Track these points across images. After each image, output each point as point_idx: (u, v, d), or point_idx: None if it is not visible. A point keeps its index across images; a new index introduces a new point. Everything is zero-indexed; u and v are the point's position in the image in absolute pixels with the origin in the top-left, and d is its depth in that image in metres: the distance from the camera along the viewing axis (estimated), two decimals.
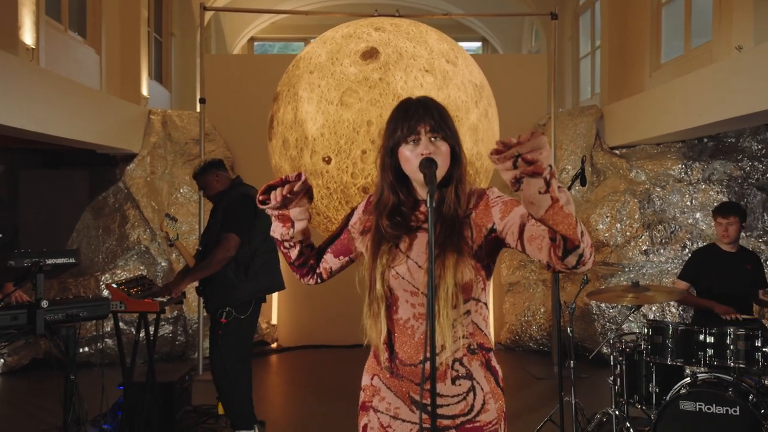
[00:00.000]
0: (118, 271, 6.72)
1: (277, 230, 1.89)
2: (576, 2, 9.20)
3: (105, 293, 6.55)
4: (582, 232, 1.54)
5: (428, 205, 1.58)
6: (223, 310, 4.04)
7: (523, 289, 6.98)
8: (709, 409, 3.33)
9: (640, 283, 3.81)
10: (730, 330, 3.50)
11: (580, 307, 6.31)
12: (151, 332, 4.55)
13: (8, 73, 5.09)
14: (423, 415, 1.71)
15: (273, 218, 1.89)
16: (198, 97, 10.56)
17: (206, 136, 6.47)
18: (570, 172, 6.81)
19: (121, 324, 4.62)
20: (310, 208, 1.85)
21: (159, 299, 4.05)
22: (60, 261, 3.40)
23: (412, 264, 1.79)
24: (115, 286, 3.99)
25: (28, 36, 6.28)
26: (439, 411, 1.78)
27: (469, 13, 9.22)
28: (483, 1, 10.45)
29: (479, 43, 14.29)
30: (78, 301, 3.64)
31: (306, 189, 1.80)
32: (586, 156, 5.39)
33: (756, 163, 6.18)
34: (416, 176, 1.78)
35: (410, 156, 1.77)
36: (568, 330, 4.00)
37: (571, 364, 3.98)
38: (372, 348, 1.93)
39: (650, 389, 3.80)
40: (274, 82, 6.04)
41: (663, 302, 5.10)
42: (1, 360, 6.29)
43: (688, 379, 3.58)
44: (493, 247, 1.80)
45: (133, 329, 6.58)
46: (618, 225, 6.39)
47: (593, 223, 6.57)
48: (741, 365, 3.46)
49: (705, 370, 3.58)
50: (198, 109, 6.69)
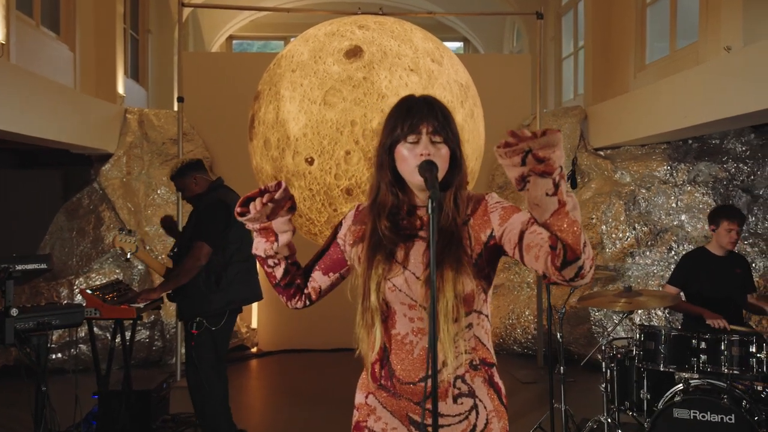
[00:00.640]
0: (93, 275, 6.53)
1: (259, 247, 1.74)
2: (558, 2, 9.16)
3: (78, 297, 6.36)
4: (585, 243, 1.44)
5: (429, 211, 1.47)
6: (194, 321, 3.86)
7: (507, 292, 6.90)
8: (703, 416, 3.26)
9: (632, 288, 3.73)
10: (724, 336, 3.43)
11: (566, 310, 6.24)
12: (127, 338, 4.39)
13: None
14: None
15: (255, 234, 1.74)
16: (176, 95, 10.43)
17: (184, 135, 6.31)
18: None
19: (95, 329, 4.45)
20: (293, 219, 1.72)
21: (136, 305, 3.89)
22: (31, 267, 3.24)
23: (410, 275, 1.67)
24: (89, 291, 3.82)
25: None
26: None
27: (453, 12, 9.14)
28: (465, 1, 10.37)
29: (460, 43, 14.22)
30: (50, 308, 3.47)
31: (287, 198, 1.66)
32: (575, 157, 5.34)
33: (741, 165, 6.16)
34: (412, 178, 1.66)
35: (408, 156, 1.66)
36: (558, 335, 3.92)
37: (561, 370, 3.90)
38: (365, 363, 1.81)
39: (641, 396, 3.73)
40: (255, 80, 5.90)
41: (655, 308, 5.05)
42: None
43: (680, 386, 3.51)
44: (492, 254, 1.69)
45: (108, 334, 6.40)
46: (603, 227, 6.33)
47: None
48: (735, 371, 3.39)
49: (698, 377, 3.51)
50: (176, 108, 6.53)
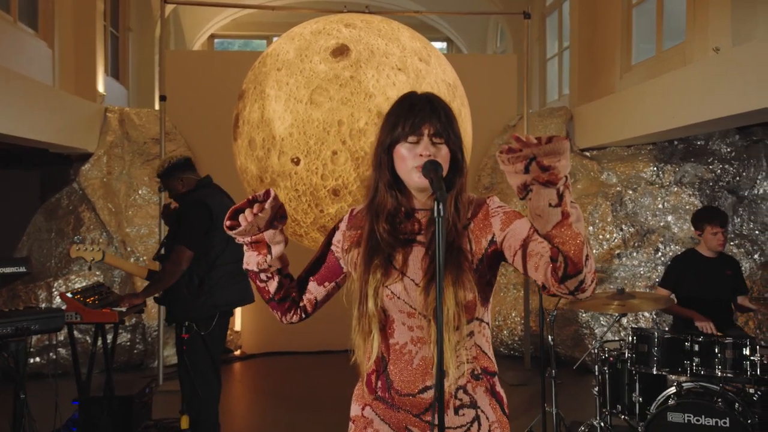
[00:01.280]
0: (72, 277, 6.38)
1: (251, 261, 1.64)
2: (543, 3, 9.15)
3: (57, 300, 6.22)
4: (587, 256, 1.39)
5: (435, 214, 1.41)
6: (183, 325, 3.76)
7: (494, 293, 6.86)
8: (698, 420, 3.23)
9: (624, 290, 3.70)
10: (718, 338, 3.41)
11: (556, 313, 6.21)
12: (109, 342, 4.28)
13: None
14: None
15: (245, 248, 1.64)
16: (157, 94, 10.28)
17: (166, 135, 6.19)
18: None
19: (75, 332, 4.33)
20: (285, 229, 1.64)
21: (118, 309, 3.79)
22: (9, 270, 3.14)
23: (409, 282, 1.60)
24: (69, 295, 3.71)
25: None
26: None
27: (439, 11, 9.09)
28: (449, 1, 10.33)
29: (444, 43, 14.19)
30: (29, 312, 3.35)
31: (278, 207, 1.59)
32: None
33: (726, 166, 6.18)
34: (411, 179, 1.60)
35: (407, 155, 1.59)
36: (549, 338, 3.87)
37: (553, 374, 3.85)
38: (361, 373, 1.74)
39: (633, 399, 3.69)
40: (239, 79, 5.80)
41: (649, 311, 5.03)
42: None
43: (673, 389, 3.48)
44: (493, 260, 1.63)
45: (88, 338, 6.27)
46: (590, 228, 6.31)
47: None
48: (729, 374, 3.37)
49: (690, 380, 3.49)
50: (157, 107, 6.41)
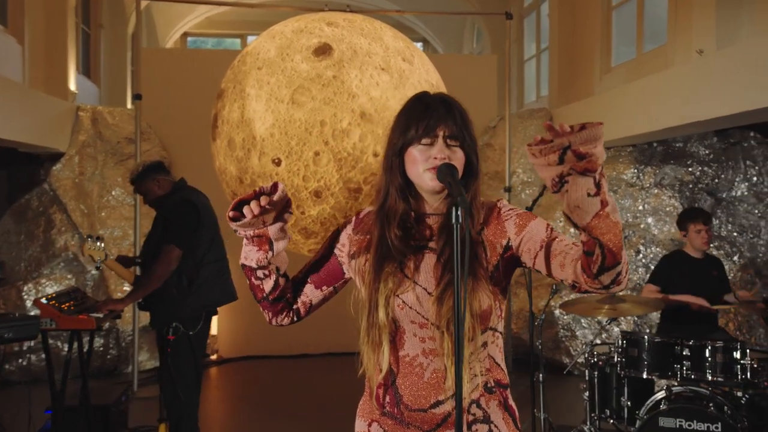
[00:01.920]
0: (43, 281, 6.20)
1: (251, 256, 1.55)
2: (520, 4, 9.15)
3: (28, 304, 6.03)
4: (622, 247, 1.34)
5: (453, 220, 1.34)
6: (170, 326, 3.68)
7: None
8: (689, 425, 3.21)
9: (615, 294, 3.67)
10: (708, 343, 3.39)
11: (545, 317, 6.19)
12: (85, 349, 4.14)
13: None
14: None
15: (246, 242, 1.55)
16: (129, 93, 10.08)
17: (141, 134, 6.04)
18: (521, 175, 6.70)
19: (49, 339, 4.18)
20: (289, 227, 1.55)
21: (95, 315, 3.66)
22: None
23: (421, 291, 1.53)
24: (44, 301, 3.57)
25: None
26: None
27: (419, 11, 9.04)
28: (426, 1, 10.28)
29: (420, 44, 14.16)
30: (2, 319, 3.21)
31: (285, 201, 1.50)
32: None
33: (705, 168, 6.21)
34: (423, 181, 1.53)
35: (420, 158, 1.52)
36: (537, 342, 3.83)
37: (541, 378, 3.82)
38: (367, 386, 1.66)
39: (621, 403, 3.67)
40: (216, 78, 5.66)
41: (640, 315, 5.02)
42: None
43: (662, 393, 3.46)
44: (509, 265, 1.57)
45: (60, 343, 6.09)
46: (572, 230, 6.30)
47: None
48: (719, 378, 3.35)
49: (679, 383, 3.46)
50: (129, 106, 6.25)
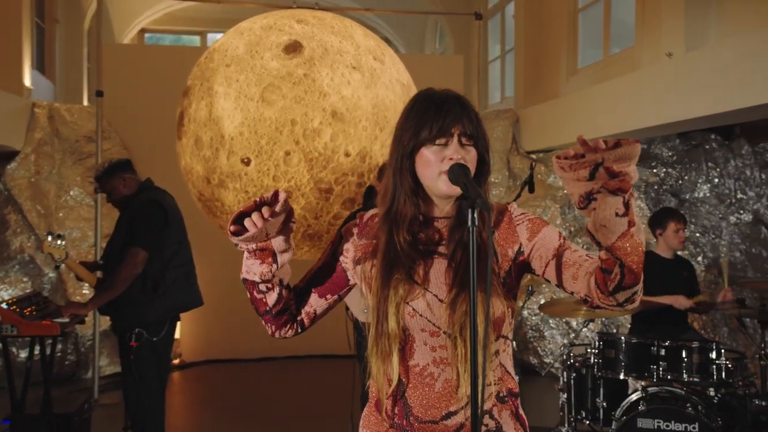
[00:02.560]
0: None
1: (254, 270, 1.46)
2: (485, 5, 9.16)
3: None
4: None
5: (470, 223, 1.29)
6: (132, 332, 3.54)
7: None
8: (667, 426, 3.22)
9: None
10: (684, 343, 3.41)
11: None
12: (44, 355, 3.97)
13: None
14: None
15: (247, 256, 1.46)
16: (86, 90, 9.77)
17: (101, 133, 5.84)
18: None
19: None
20: (292, 237, 1.47)
21: (59, 320, 3.51)
22: None
23: (432, 298, 1.46)
24: (5, 306, 3.41)
25: None
26: None
27: (385, 10, 8.98)
28: (389, 0, 10.23)
29: None
30: None
31: (288, 211, 1.41)
32: (534, 163, 5.29)
33: (669, 170, 6.30)
34: (437, 186, 1.46)
35: (433, 159, 1.45)
36: (513, 344, 3.81)
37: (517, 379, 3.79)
38: (373, 397, 1.59)
39: (597, 404, 3.67)
40: (179, 75, 5.52)
41: (617, 317, 5.05)
42: None
43: (638, 394, 3.47)
44: (520, 271, 1.52)
45: (14, 348, 5.86)
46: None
47: None
48: (695, 379, 3.38)
49: (655, 384, 3.48)
50: (86, 103, 6.05)
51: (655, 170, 6.30)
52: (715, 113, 4.23)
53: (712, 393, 3.52)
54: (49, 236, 3.75)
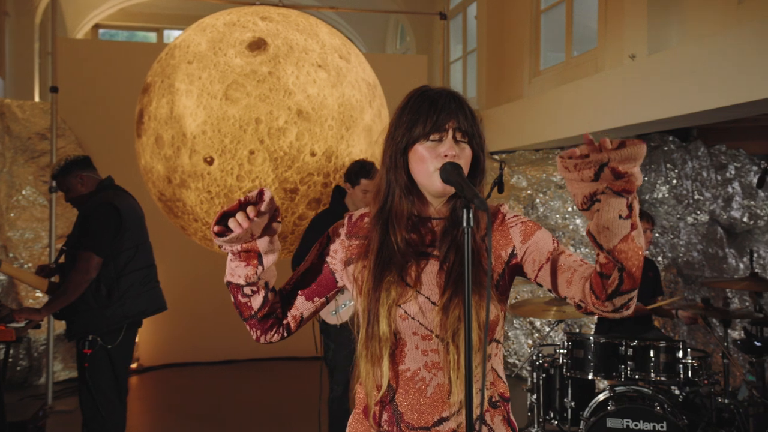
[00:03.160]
0: None
1: (239, 272, 1.40)
2: (446, 5, 9.18)
3: None
4: None
5: (465, 224, 1.25)
6: (86, 339, 3.40)
7: None
8: (636, 425, 3.25)
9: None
10: (652, 342, 3.44)
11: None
12: None
13: None
14: None
15: (231, 258, 1.40)
16: (38, 85, 9.47)
17: (56, 130, 5.65)
18: None
19: None
20: (277, 238, 1.41)
21: (14, 325, 3.36)
22: None
23: (424, 301, 1.42)
24: None
25: None
26: None
27: (354, 8, 8.92)
28: None
29: None
30: None
31: (274, 210, 1.35)
32: (504, 163, 5.28)
33: None
34: (431, 183, 1.42)
35: (427, 156, 1.41)
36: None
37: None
38: (360, 402, 1.54)
39: (565, 404, 3.68)
40: (137, 71, 5.39)
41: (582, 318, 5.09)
42: None
43: (606, 393, 3.49)
44: (513, 274, 1.49)
45: None
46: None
47: None
48: (662, 378, 3.41)
49: (622, 383, 3.50)
50: (37, 99, 5.85)
51: None
52: (678, 115, 4.29)
53: (676, 392, 3.57)
54: None
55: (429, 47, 9.66)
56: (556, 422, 3.74)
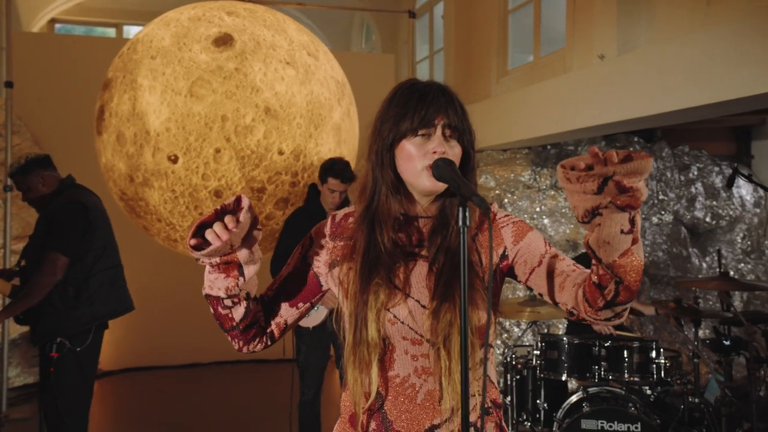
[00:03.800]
0: None
1: (218, 285, 1.31)
2: (412, 5, 9.14)
3: None
4: None
5: (461, 222, 1.19)
6: (53, 342, 3.27)
7: None
8: (611, 426, 3.23)
9: (536, 297, 3.66)
10: (626, 342, 3.44)
11: None
12: None
13: None
14: None
15: (209, 270, 1.31)
16: None
17: (10, 126, 5.44)
18: None
19: None
20: (258, 247, 1.33)
21: None
22: None
23: (414, 304, 1.36)
24: None
25: None
26: None
27: (322, 5, 8.80)
28: None
29: None
30: None
31: (252, 218, 1.27)
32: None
33: None
34: (419, 181, 1.36)
35: (415, 153, 1.35)
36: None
37: None
38: (346, 410, 1.46)
39: (538, 405, 3.65)
40: (97, 66, 5.21)
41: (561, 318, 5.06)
42: None
43: (579, 394, 3.47)
44: (504, 277, 1.43)
45: None
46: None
47: None
48: (636, 378, 3.40)
49: (595, 384, 3.49)
50: None
51: None
52: (646, 116, 4.30)
53: (648, 392, 3.57)
54: None
55: (395, 46, 9.60)
56: (528, 424, 3.71)
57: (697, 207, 6.56)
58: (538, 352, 3.58)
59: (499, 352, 5.54)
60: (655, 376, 3.38)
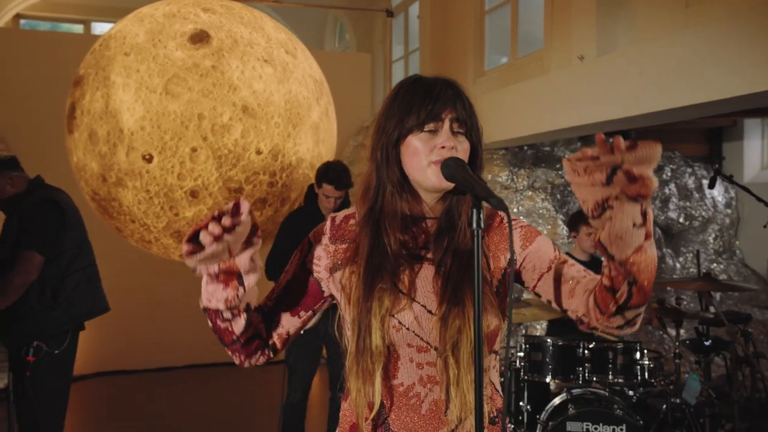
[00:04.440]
0: None
1: (217, 296, 1.23)
2: (388, 4, 9.09)
3: None
4: None
5: (475, 225, 1.14)
6: (30, 346, 3.16)
7: None
8: (596, 428, 3.22)
9: (521, 299, 3.63)
10: (610, 344, 3.42)
11: None
12: None
13: None
14: None
15: (207, 281, 1.23)
16: None
17: None
18: None
19: None
20: (257, 255, 1.26)
21: None
22: None
23: (420, 310, 1.30)
24: None
25: None
26: None
27: (299, 3, 8.71)
28: None
29: None
30: None
31: (252, 224, 1.20)
32: None
33: None
34: (425, 177, 1.30)
35: (421, 148, 1.29)
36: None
37: None
38: (347, 420, 1.40)
39: (521, 407, 3.63)
40: (66, 63, 5.08)
41: (545, 320, 5.05)
42: None
43: (563, 396, 3.45)
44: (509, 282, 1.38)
45: None
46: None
47: None
48: (620, 379, 3.40)
49: (579, 385, 3.47)
50: None
51: (560, 172, 6.43)
52: (624, 117, 4.31)
53: (630, 393, 3.57)
54: None
55: (369, 46, 9.54)
56: (512, 426, 3.68)
57: (671, 208, 6.62)
58: (522, 354, 3.55)
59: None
60: (639, 377, 3.37)
